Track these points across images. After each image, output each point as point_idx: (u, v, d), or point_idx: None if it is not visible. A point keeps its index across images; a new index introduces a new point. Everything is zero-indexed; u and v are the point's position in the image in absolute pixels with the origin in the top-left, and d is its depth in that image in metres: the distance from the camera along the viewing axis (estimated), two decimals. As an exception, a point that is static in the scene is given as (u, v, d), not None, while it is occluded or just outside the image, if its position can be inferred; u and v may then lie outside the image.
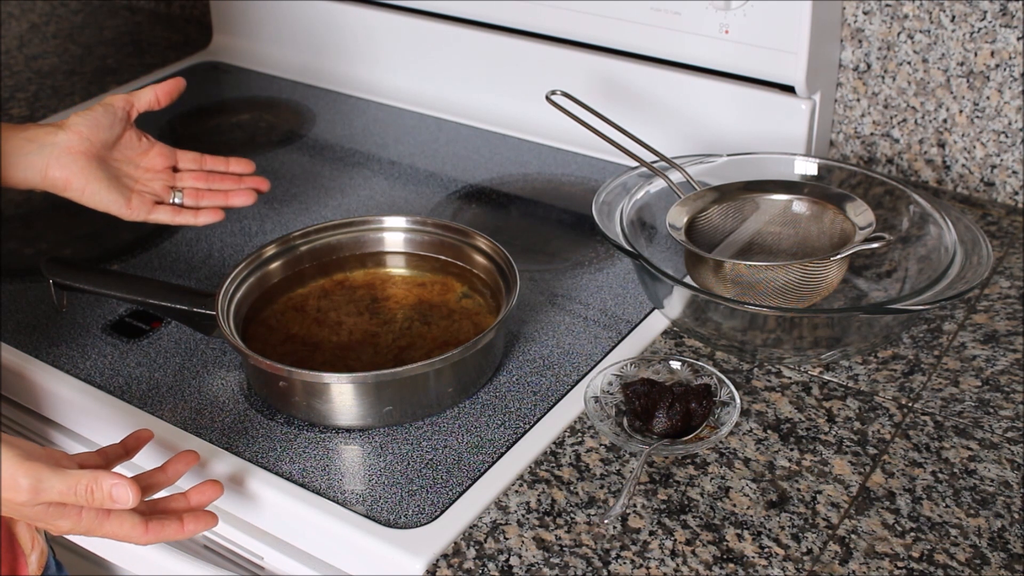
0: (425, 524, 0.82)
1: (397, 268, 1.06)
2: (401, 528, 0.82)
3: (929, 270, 0.98)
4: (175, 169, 1.04)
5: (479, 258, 1.03)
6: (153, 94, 1.02)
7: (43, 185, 0.97)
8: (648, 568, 0.78)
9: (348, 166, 1.32)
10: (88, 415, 0.97)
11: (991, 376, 0.95)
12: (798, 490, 0.84)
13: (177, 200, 1.03)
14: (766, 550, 0.79)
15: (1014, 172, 1.19)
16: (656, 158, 1.07)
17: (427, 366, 0.89)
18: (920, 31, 1.19)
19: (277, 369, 0.89)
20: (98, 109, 1.00)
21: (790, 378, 0.96)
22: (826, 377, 0.96)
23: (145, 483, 0.79)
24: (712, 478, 0.86)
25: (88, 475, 0.72)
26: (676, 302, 0.98)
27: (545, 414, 0.92)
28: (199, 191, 1.04)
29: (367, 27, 1.47)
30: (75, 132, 0.97)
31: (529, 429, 0.91)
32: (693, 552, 0.80)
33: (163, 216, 1.02)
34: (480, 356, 0.93)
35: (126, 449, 0.83)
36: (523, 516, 0.83)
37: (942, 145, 1.22)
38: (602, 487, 0.85)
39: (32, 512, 0.73)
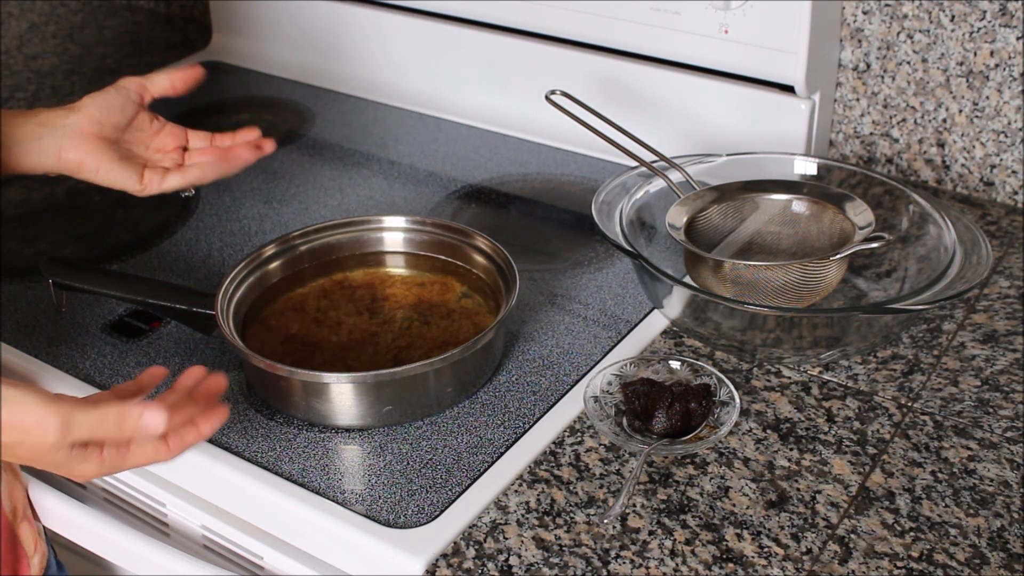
0: (425, 524, 0.82)
1: (397, 268, 1.06)
2: (401, 528, 0.82)
3: (929, 270, 0.98)
4: (185, 149, 1.03)
5: (479, 258, 1.03)
6: (169, 80, 1.00)
7: (57, 168, 0.97)
8: (648, 568, 0.78)
9: (348, 166, 1.32)
10: (88, 415, 0.96)
11: (991, 376, 0.95)
12: (797, 490, 0.84)
13: None
14: (765, 550, 0.79)
15: (1013, 172, 1.19)
16: (656, 158, 1.07)
17: (427, 366, 0.89)
18: (920, 31, 1.19)
19: (277, 369, 0.89)
20: (111, 91, 0.98)
21: (790, 378, 0.96)
22: (826, 377, 0.96)
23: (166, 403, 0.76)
24: (712, 478, 0.86)
25: (116, 406, 0.70)
26: (676, 302, 0.98)
27: (545, 414, 0.92)
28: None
29: (367, 27, 1.47)
30: (86, 115, 0.97)
31: (529, 429, 0.91)
32: (693, 552, 0.80)
33: (175, 181, 1.00)
34: (480, 356, 0.93)
35: (140, 387, 0.80)
36: (523, 516, 0.83)
37: (942, 145, 1.22)
38: (602, 487, 0.85)
39: (57, 457, 0.72)
